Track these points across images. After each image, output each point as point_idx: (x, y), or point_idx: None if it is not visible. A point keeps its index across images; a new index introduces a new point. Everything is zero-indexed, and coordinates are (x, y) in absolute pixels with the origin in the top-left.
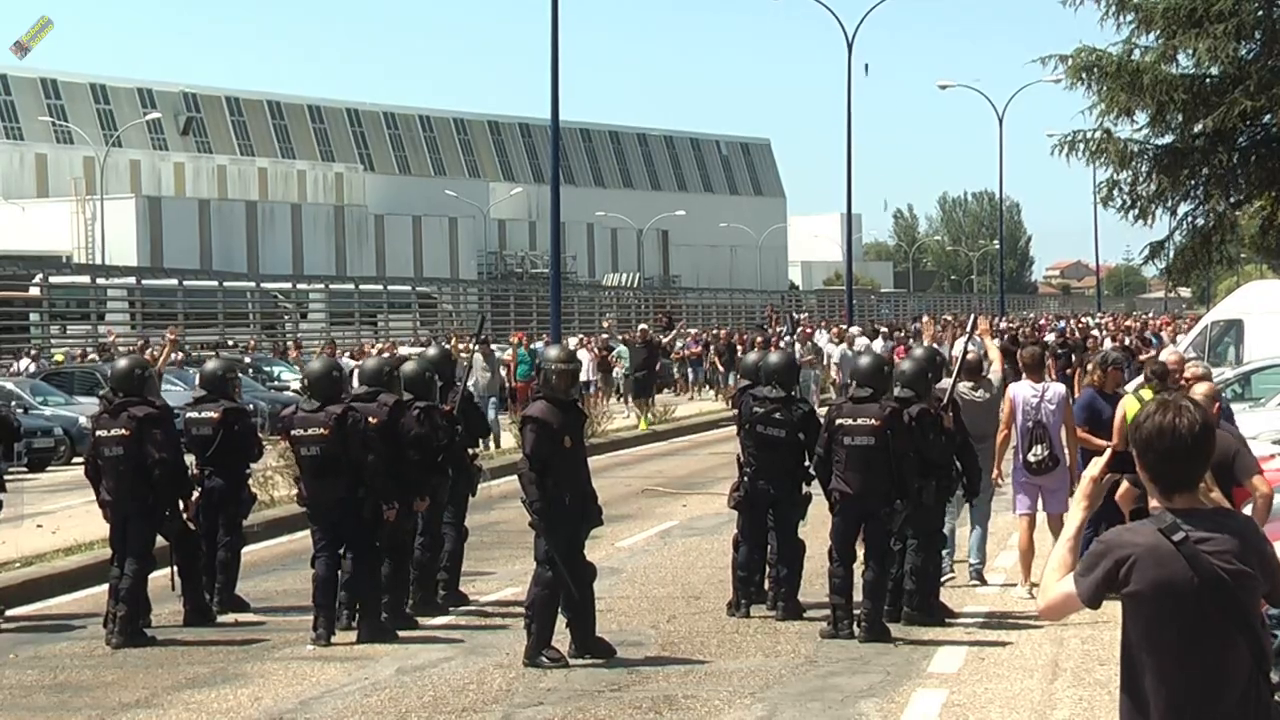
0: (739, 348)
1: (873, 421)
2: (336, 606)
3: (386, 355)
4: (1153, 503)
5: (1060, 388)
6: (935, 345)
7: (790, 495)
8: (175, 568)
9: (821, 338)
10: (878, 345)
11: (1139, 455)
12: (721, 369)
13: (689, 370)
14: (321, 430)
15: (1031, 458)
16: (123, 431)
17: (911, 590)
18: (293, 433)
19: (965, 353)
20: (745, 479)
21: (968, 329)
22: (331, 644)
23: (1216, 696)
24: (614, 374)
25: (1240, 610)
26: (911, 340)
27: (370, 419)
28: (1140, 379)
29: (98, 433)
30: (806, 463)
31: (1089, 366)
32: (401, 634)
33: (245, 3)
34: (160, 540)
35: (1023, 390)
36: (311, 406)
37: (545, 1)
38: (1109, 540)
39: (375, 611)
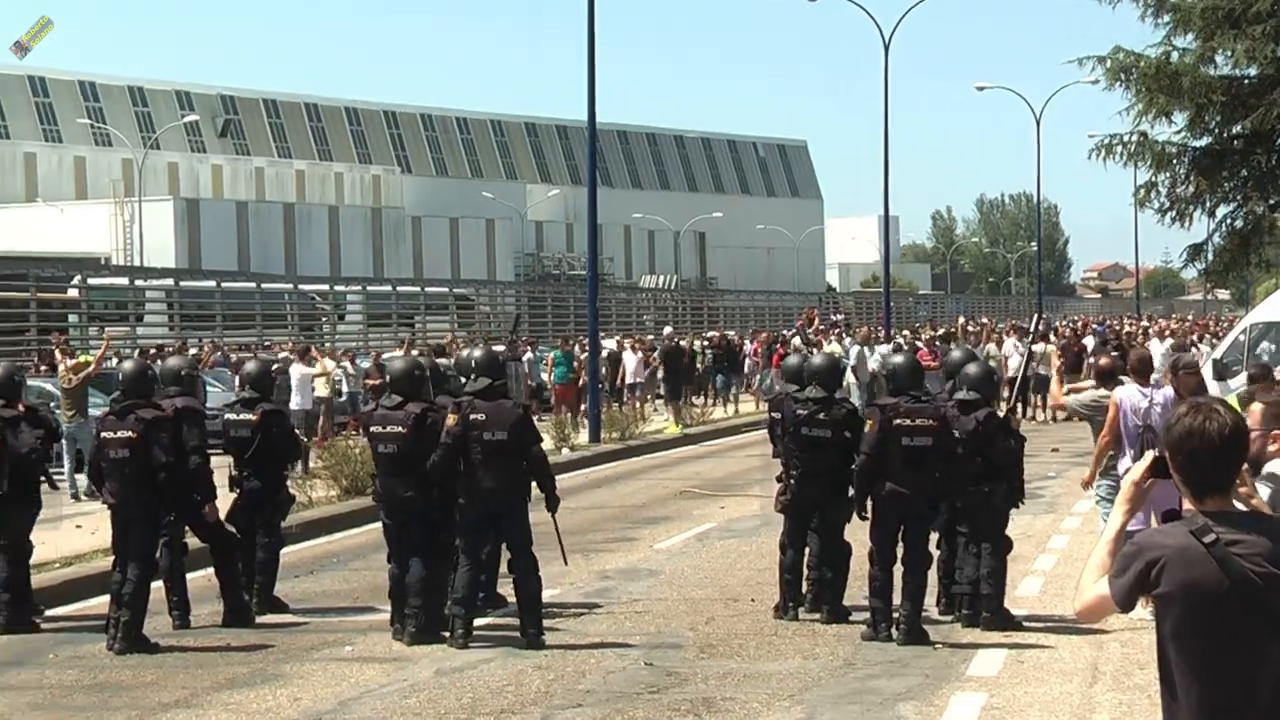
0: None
1: (930, 422)
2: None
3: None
4: (1186, 505)
5: (1169, 391)
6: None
7: (835, 497)
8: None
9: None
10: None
11: (1170, 457)
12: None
13: (718, 377)
14: (400, 429)
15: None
16: (129, 434)
17: (988, 594)
18: (371, 429)
19: (1030, 356)
20: (791, 482)
21: (1030, 332)
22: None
23: (1248, 698)
24: (656, 376)
25: (1271, 613)
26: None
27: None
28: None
29: (103, 434)
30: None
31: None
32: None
33: (283, 6)
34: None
35: (1130, 394)
36: (391, 404)
37: (582, 4)
38: (1140, 542)
39: (435, 613)
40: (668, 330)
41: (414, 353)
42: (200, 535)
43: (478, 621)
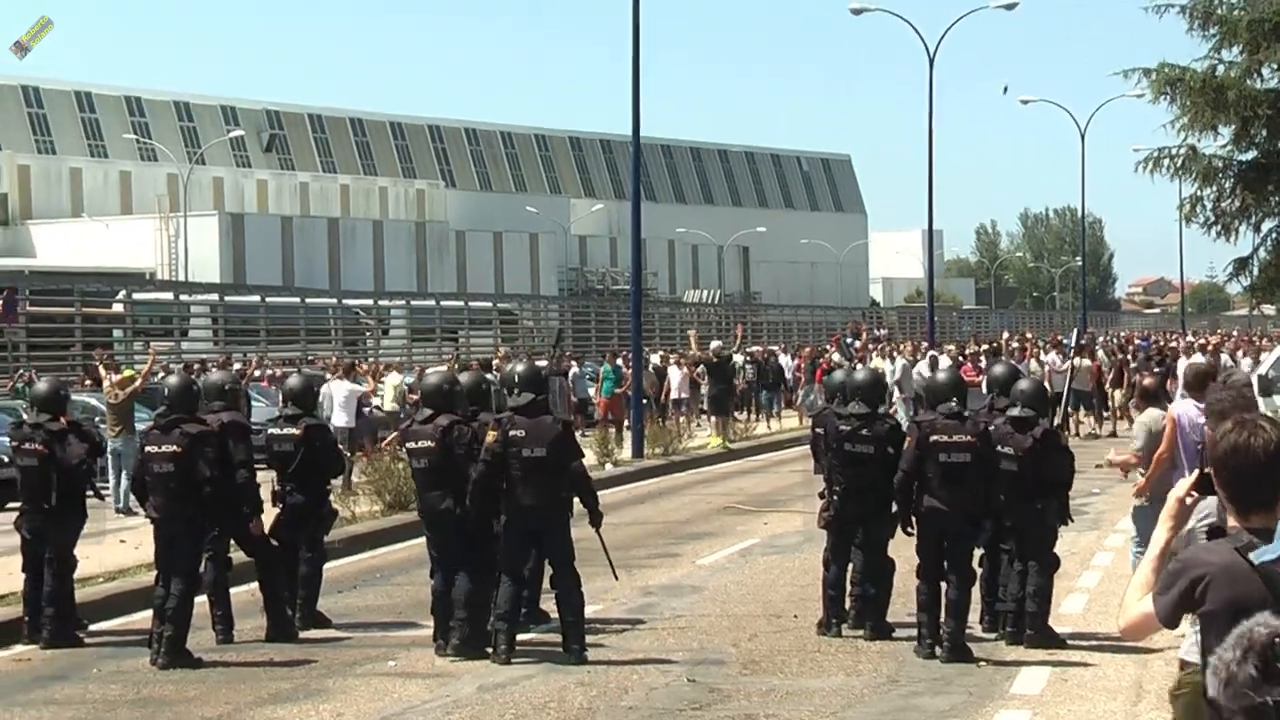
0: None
1: (968, 438)
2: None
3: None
4: (1231, 521)
5: None
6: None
7: (879, 513)
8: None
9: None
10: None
11: (1215, 474)
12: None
13: (762, 391)
14: (429, 443)
15: None
16: (174, 449)
17: (1034, 613)
18: (407, 445)
19: (1072, 371)
20: (835, 498)
21: (1072, 347)
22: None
23: None
24: (700, 390)
25: None
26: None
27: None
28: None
29: (147, 449)
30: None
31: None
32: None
33: (327, 22)
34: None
35: (1187, 410)
36: (423, 418)
37: (626, 18)
38: (1185, 559)
39: (478, 628)
40: (715, 344)
41: (455, 367)
42: (245, 549)
43: (520, 637)
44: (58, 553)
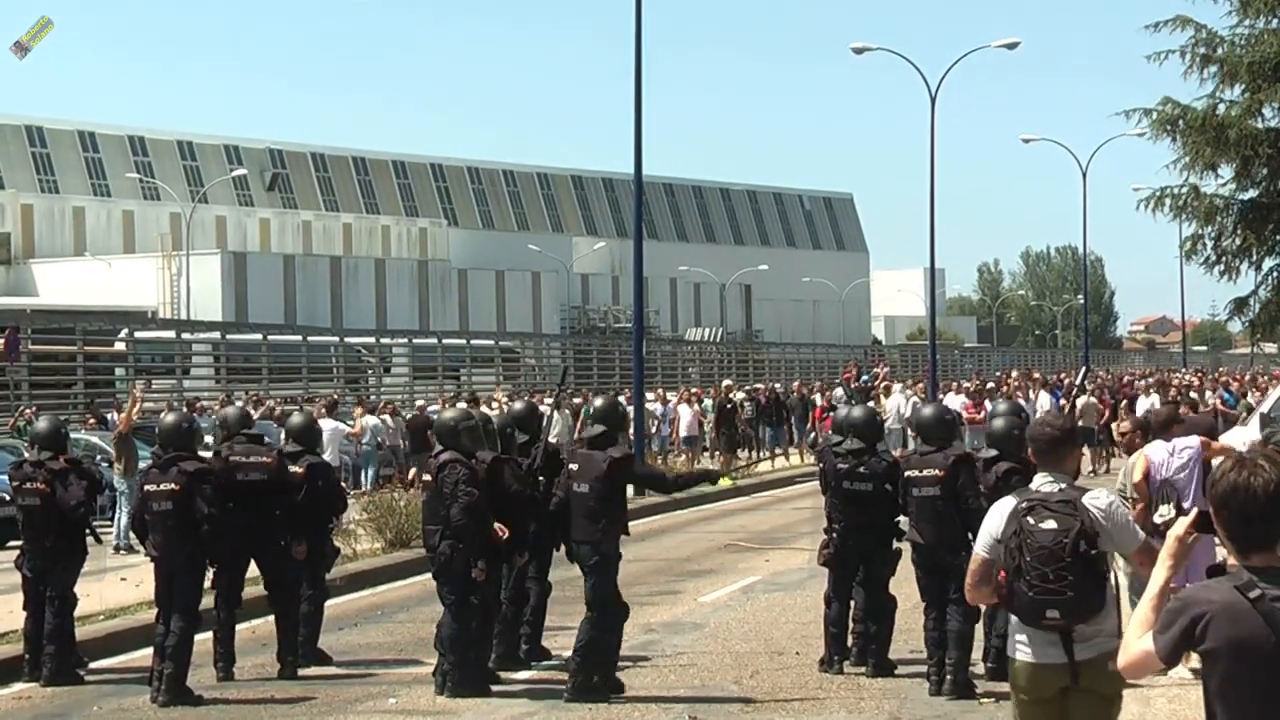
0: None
1: (937, 472)
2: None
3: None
4: (1231, 560)
5: (1192, 441)
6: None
7: (880, 551)
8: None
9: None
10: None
11: (1215, 513)
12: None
13: (762, 430)
14: (428, 477)
15: (1157, 519)
16: (172, 486)
17: None
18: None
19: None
20: (834, 536)
21: (1078, 383)
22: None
23: None
24: (704, 429)
25: None
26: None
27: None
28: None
29: (146, 487)
30: (898, 517)
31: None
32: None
33: (329, 62)
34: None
35: (1155, 451)
36: (434, 453)
37: (629, 57)
38: (1185, 597)
39: (463, 665)
40: (726, 383)
41: (497, 406)
42: (277, 577)
43: (522, 674)
44: (59, 590)
